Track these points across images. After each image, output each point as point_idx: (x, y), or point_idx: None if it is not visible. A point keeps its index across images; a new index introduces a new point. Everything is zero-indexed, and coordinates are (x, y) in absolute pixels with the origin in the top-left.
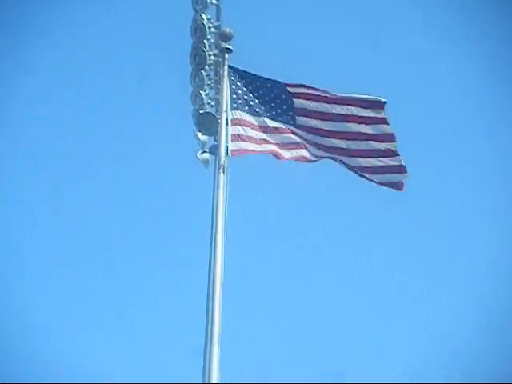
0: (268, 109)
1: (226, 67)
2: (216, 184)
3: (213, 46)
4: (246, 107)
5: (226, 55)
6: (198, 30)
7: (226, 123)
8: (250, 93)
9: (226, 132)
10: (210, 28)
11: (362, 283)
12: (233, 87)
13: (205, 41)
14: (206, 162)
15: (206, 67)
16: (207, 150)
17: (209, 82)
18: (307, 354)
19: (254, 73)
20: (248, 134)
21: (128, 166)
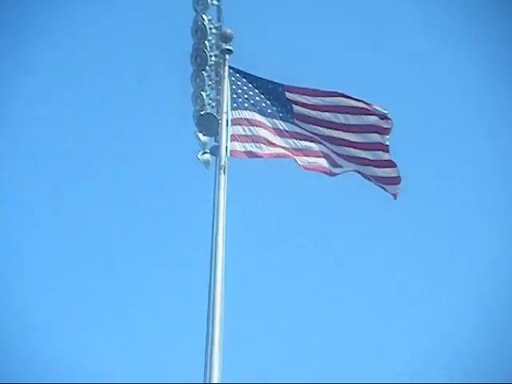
0: (268, 109)
1: (227, 68)
2: (217, 185)
3: (214, 47)
4: (246, 105)
5: (227, 56)
6: (199, 31)
7: (227, 124)
8: (251, 92)
9: (227, 133)
10: (211, 29)
11: (363, 284)
12: (233, 87)
13: (206, 42)
14: (207, 163)
15: (207, 68)
16: (208, 151)
17: (210, 83)
18: (308, 354)
19: (255, 74)
20: (247, 134)
21: (128, 167)
